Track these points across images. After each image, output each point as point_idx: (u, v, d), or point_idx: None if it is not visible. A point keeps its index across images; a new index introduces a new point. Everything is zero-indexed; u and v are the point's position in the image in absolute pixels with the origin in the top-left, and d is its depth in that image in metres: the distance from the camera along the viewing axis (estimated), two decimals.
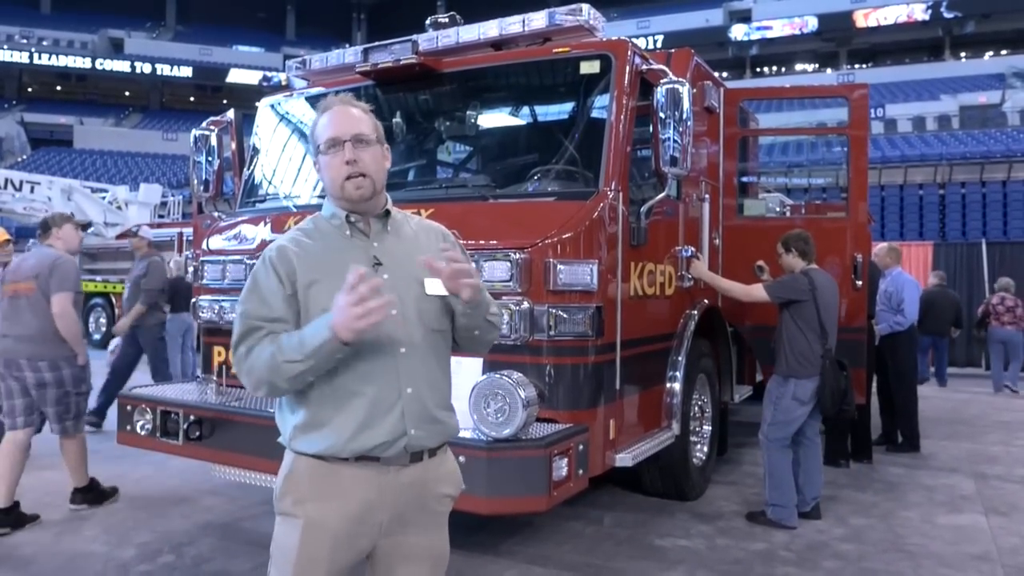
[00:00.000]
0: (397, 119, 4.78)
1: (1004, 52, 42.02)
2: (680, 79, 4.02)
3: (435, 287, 1.86)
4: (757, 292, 4.81)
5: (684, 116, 3.95)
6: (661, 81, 4.02)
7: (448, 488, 1.95)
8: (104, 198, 18.43)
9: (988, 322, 11.46)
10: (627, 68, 4.13)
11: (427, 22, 4.84)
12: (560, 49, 4.28)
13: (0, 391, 4.68)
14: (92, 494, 4.92)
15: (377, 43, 4.59)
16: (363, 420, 1.79)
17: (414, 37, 4.49)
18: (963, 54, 43.98)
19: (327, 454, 1.80)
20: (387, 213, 1.93)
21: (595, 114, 4.22)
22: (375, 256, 1.87)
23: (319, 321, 1.73)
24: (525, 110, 4.76)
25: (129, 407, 4.39)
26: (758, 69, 48.03)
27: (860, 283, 5.56)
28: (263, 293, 1.85)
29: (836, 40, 46.13)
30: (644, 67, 4.30)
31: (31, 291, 4.58)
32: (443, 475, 1.94)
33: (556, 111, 4.69)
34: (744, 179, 6.73)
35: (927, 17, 42.65)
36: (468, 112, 4.70)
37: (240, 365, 1.84)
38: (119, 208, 18.29)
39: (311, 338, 1.72)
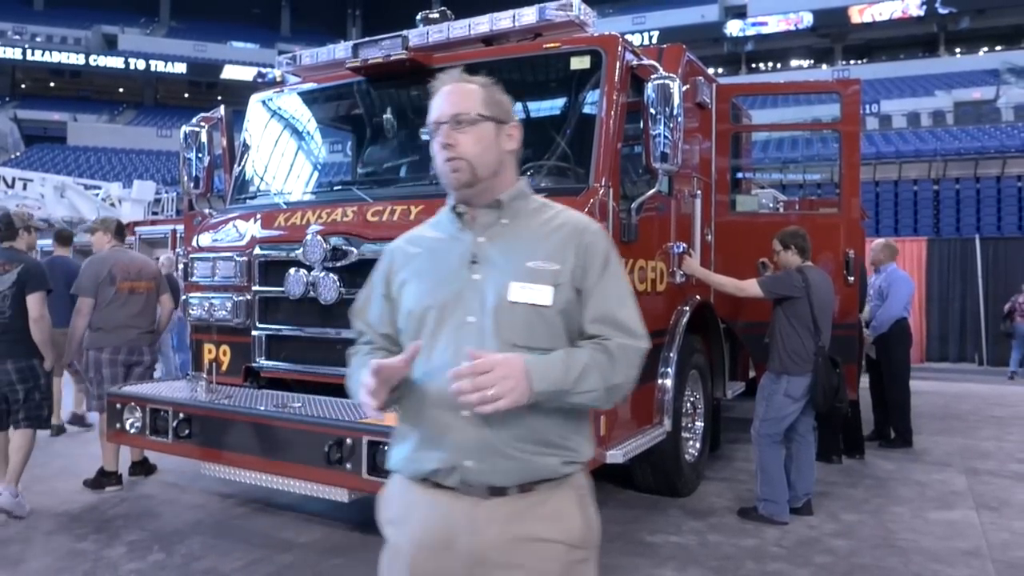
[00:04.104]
0: (388, 115, 4.76)
1: (998, 48, 42.07)
2: (670, 75, 4.01)
3: (522, 292, 1.59)
4: (750, 288, 4.80)
5: (675, 112, 3.94)
6: (651, 77, 4.00)
7: (548, 531, 1.59)
8: (97, 195, 18.34)
9: (1014, 318, 12.45)
10: (618, 64, 4.11)
11: (418, 18, 4.82)
12: (550, 45, 4.27)
13: (105, 376, 5.21)
14: (144, 467, 5.59)
15: (367, 39, 4.57)
16: (421, 440, 1.63)
17: (404, 33, 4.47)
18: (958, 50, 43.98)
19: (396, 469, 1.70)
20: (498, 203, 1.69)
21: (586, 110, 4.21)
22: (474, 254, 1.66)
23: (354, 377, 1.69)
24: (515, 106, 4.72)
25: (119, 405, 4.38)
26: (753, 65, 47.99)
27: (852, 279, 5.57)
28: (369, 290, 1.81)
29: (831, 36, 46.11)
30: (635, 63, 4.28)
31: (151, 289, 5.51)
32: (540, 516, 1.59)
33: (547, 107, 4.67)
34: (737, 175, 6.72)
35: (922, 13, 42.66)
36: None
37: (348, 358, 1.82)
38: (112, 205, 18.20)
39: (354, 391, 1.66)
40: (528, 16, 4.30)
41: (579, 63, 4.17)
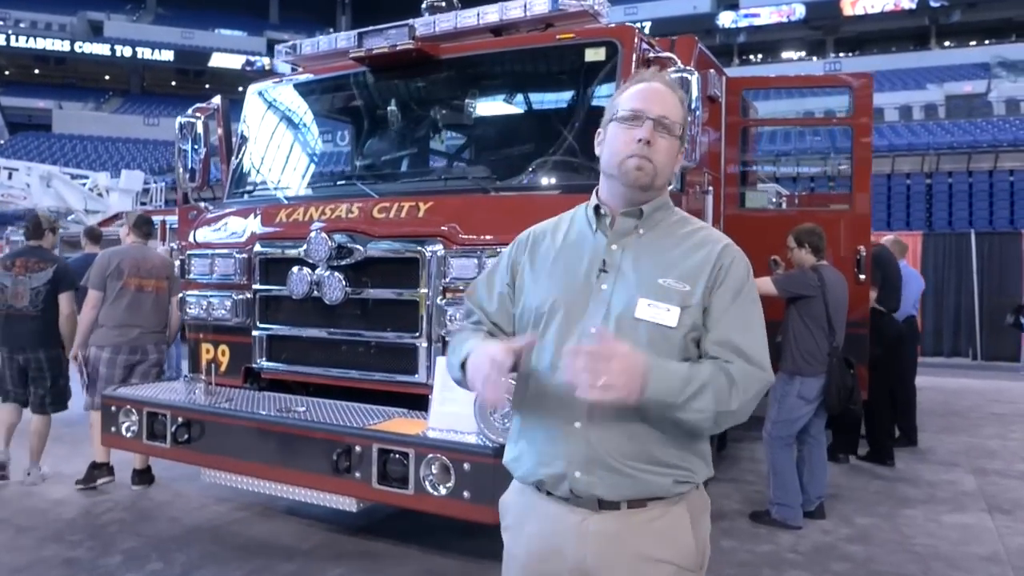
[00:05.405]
0: (392, 107, 4.61)
1: (989, 41, 42.16)
2: (689, 68, 3.87)
3: (648, 311, 1.55)
4: (764, 286, 4.67)
5: (692, 106, 3.80)
6: (669, 70, 3.86)
7: (658, 551, 1.56)
8: (84, 185, 18.04)
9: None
10: (634, 55, 3.97)
11: (423, 6, 4.66)
12: (564, 35, 4.11)
13: (101, 376, 5.06)
14: (148, 475, 5.28)
15: (372, 28, 4.39)
16: (539, 448, 1.63)
17: (410, 21, 4.31)
18: (949, 43, 44.11)
19: (515, 473, 1.70)
20: (639, 212, 1.65)
21: (600, 103, 4.06)
22: (604, 261, 1.63)
23: (467, 349, 1.65)
24: (526, 98, 4.60)
25: (114, 408, 4.21)
26: (745, 57, 47.93)
27: (864, 276, 5.47)
28: (493, 276, 1.81)
29: (823, 28, 46.10)
30: (651, 54, 4.14)
31: (162, 289, 5.30)
32: (651, 534, 1.56)
33: (559, 99, 4.53)
34: (744, 169, 6.61)
35: (913, 5, 42.72)
36: (467, 100, 4.51)
37: (451, 338, 1.89)
38: (100, 195, 17.94)
39: (452, 366, 1.71)
40: (540, 5, 4.13)
41: (594, 55, 4.02)
